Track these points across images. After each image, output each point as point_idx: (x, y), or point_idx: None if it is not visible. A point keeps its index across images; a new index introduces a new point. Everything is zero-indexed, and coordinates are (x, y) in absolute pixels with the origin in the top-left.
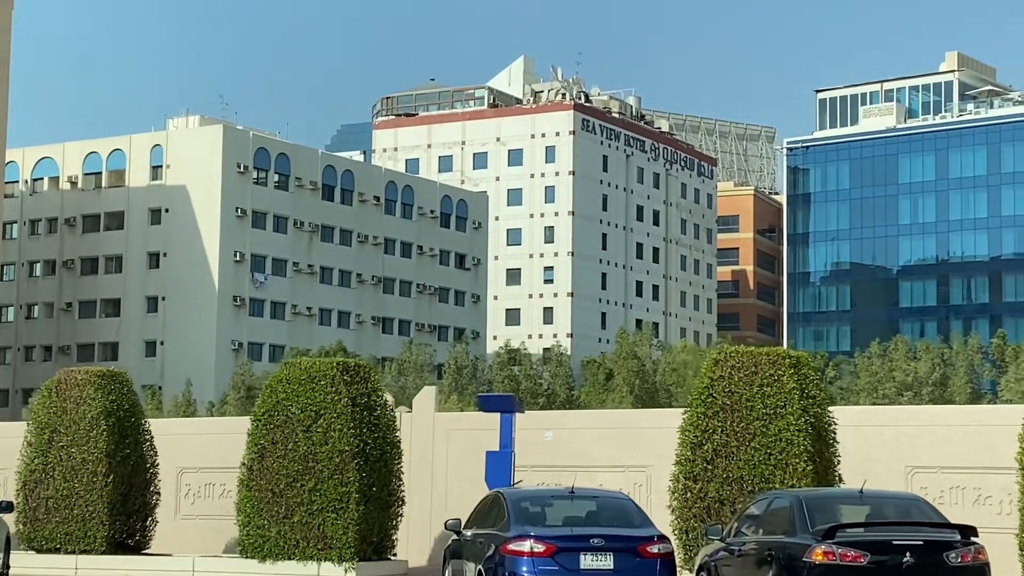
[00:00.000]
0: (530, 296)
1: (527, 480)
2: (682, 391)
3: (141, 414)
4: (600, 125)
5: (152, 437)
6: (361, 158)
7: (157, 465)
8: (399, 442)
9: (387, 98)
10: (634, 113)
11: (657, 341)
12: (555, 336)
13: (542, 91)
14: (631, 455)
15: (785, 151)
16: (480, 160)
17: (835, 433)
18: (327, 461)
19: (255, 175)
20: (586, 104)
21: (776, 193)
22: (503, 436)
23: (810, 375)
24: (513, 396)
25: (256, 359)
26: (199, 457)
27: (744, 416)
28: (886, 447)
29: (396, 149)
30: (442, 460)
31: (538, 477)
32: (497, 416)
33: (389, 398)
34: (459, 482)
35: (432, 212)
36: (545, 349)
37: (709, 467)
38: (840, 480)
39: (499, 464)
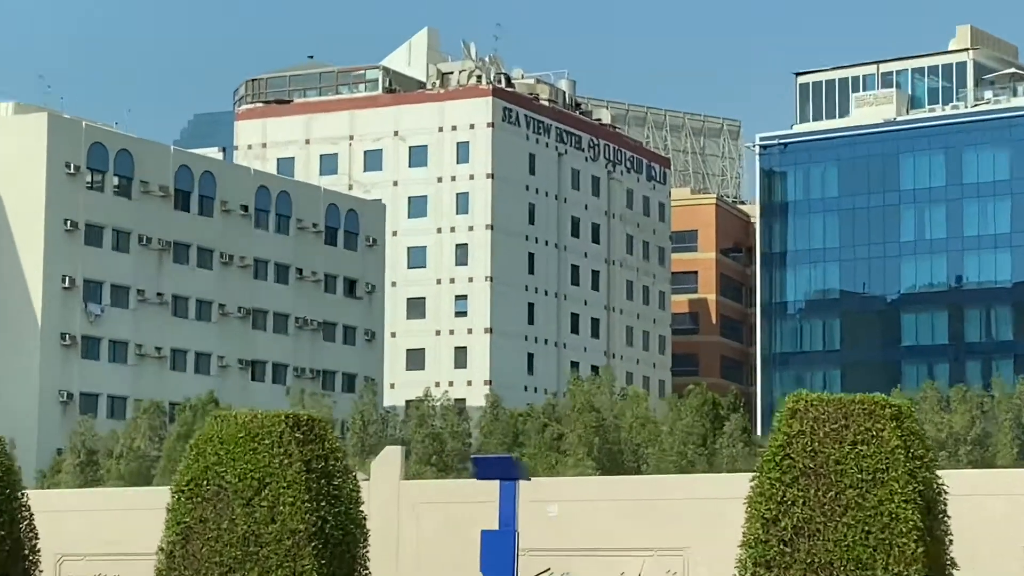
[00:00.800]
0: (438, 333)
1: (528, 568)
2: (654, 453)
3: (17, 483)
4: (525, 116)
5: (32, 514)
6: (221, 156)
7: (38, 551)
8: (365, 520)
9: (253, 80)
10: (567, 101)
11: (621, 390)
12: (469, 383)
13: (451, 72)
14: (662, 534)
15: (757, 150)
16: (373, 160)
17: (946, 504)
18: (275, 545)
19: (89, 178)
20: (507, 89)
21: (744, 202)
22: (503, 511)
23: (915, 429)
24: (514, 458)
25: (90, 414)
26: (86, 540)
27: (833, 483)
28: (997, 523)
29: (265, 145)
30: (411, 541)
31: (540, 563)
32: (485, 485)
33: (350, 463)
34: (434, 570)
35: (314, 226)
36: (456, 400)
37: (787, 549)
38: (954, 566)
39: (499, 547)
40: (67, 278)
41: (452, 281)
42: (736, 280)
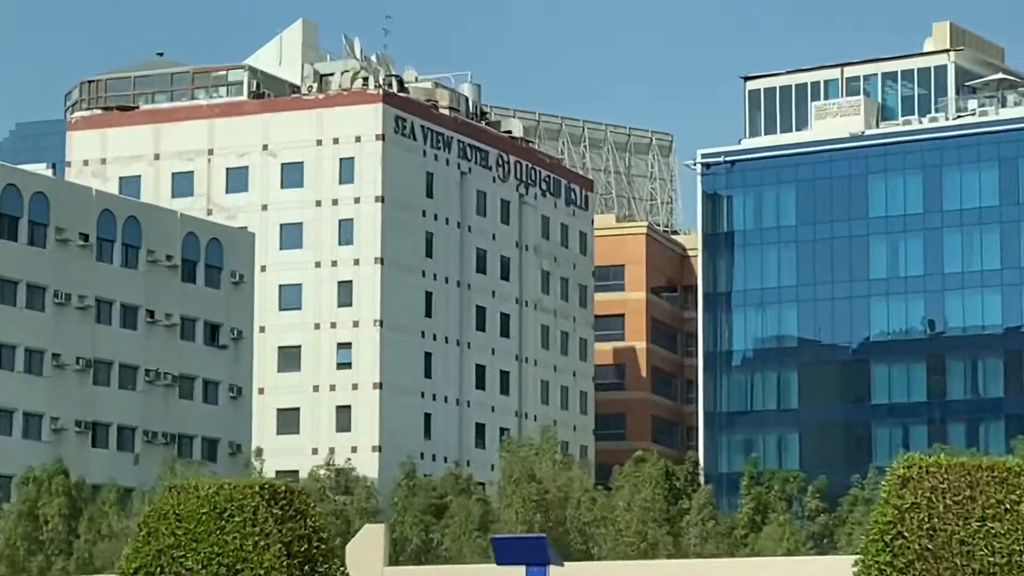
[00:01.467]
0: (316, 389)
1: None
2: (608, 532)
3: None
4: (422, 126)
5: None
6: (51, 173)
7: None
8: None
9: (89, 82)
10: (471, 109)
11: (565, 456)
12: (355, 450)
13: (331, 74)
14: None
15: (699, 169)
16: (238, 179)
17: None
18: None
19: None
20: (400, 95)
21: (678, 232)
22: None
23: None
24: (546, 539)
25: None
26: None
27: (958, 567)
28: None
29: (105, 161)
30: None
31: None
32: (502, 572)
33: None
34: None
35: (169, 258)
36: (339, 471)
37: None
38: None
39: None
40: None
41: (333, 326)
42: (670, 325)
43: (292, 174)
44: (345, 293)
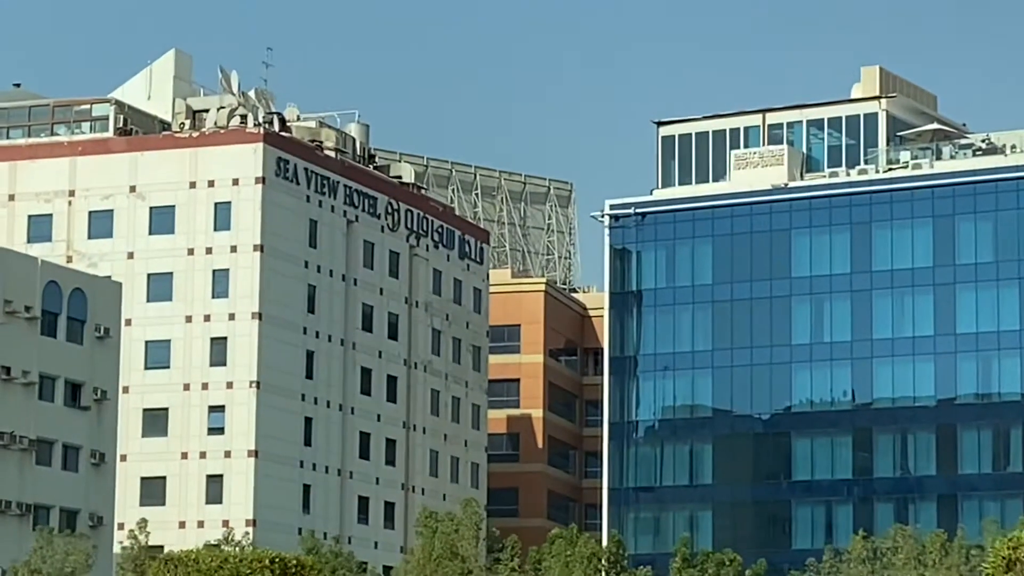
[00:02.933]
0: (184, 456)
1: None
2: None
3: None
4: (306, 169)
5: None
6: None
7: None
8: None
9: None
10: (358, 151)
11: (491, 531)
12: (226, 524)
13: (206, 110)
14: None
15: (607, 221)
16: (101, 224)
17: None
18: None
19: None
20: (282, 134)
21: (576, 290)
22: None
23: None
24: None
25: None
26: None
27: None
28: None
29: None
30: None
31: None
32: None
33: None
34: None
35: (27, 309)
36: (209, 545)
37: None
38: None
39: None
40: None
41: (205, 387)
42: (569, 391)
43: (162, 219)
44: (219, 351)
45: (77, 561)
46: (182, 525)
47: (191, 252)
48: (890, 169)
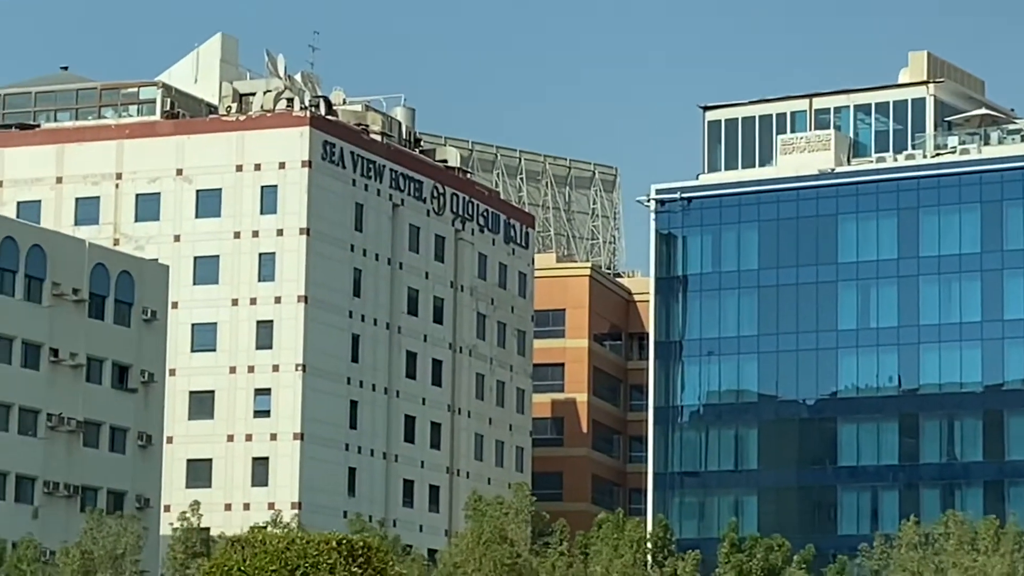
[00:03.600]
0: (230, 438)
1: None
2: None
3: None
4: (352, 153)
5: None
6: None
7: None
8: None
9: None
10: (404, 135)
11: (540, 515)
12: (272, 506)
13: (252, 94)
14: None
15: (652, 206)
16: (148, 206)
17: None
18: None
19: None
20: (329, 118)
21: (621, 274)
22: None
23: None
24: None
25: None
26: None
27: None
28: None
29: (0, 184)
30: None
31: None
32: None
33: None
34: None
35: (75, 292)
36: (255, 527)
37: None
38: None
39: None
40: None
41: (251, 370)
42: (613, 376)
43: (209, 202)
44: (264, 334)
45: (128, 542)
46: (228, 507)
47: (237, 235)
48: (937, 154)
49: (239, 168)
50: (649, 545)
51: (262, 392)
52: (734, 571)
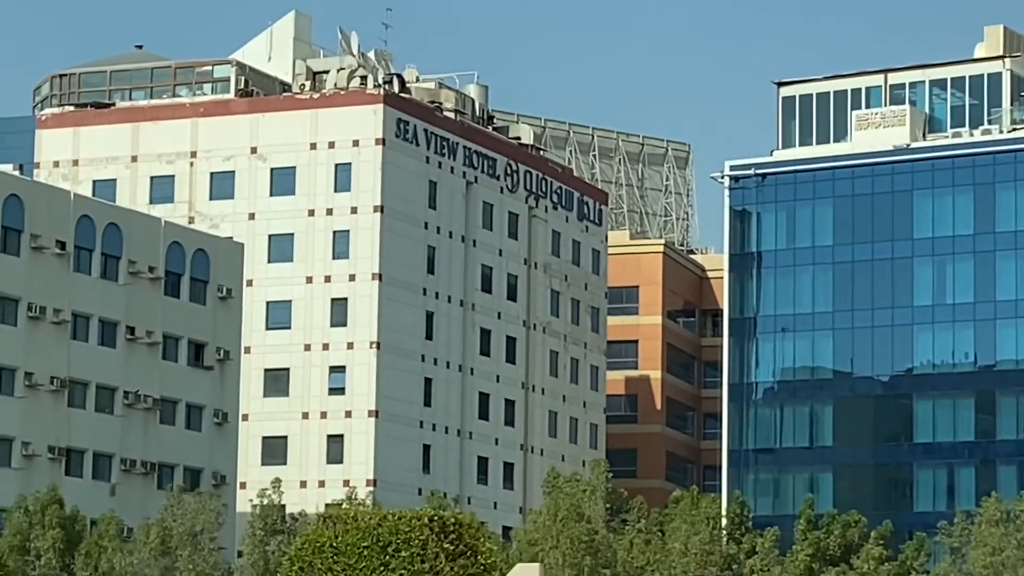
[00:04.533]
0: (305, 416)
1: None
2: None
3: None
4: (425, 130)
5: None
6: (16, 173)
7: None
8: None
9: (60, 76)
10: (477, 112)
11: (618, 492)
12: (346, 483)
13: (326, 71)
14: None
15: (726, 182)
16: (223, 184)
17: None
18: None
19: None
20: (402, 95)
21: (694, 251)
22: None
23: None
24: None
25: None
26: None
27: None
28: None
29: (77, 163)
30: None
31: None
32: None
33: None
34: None
35: (151, 270)
36: (329, 505)
37: None
38: None
39: None
40: None
41: (326, 348)
42: (686, 353)
43: (283, 180)
44: (339, 312)
45: (207, 520)
46: (303, 484)
47: (311, 213)
48: (1014, 129)
49: (313, 146)
50: (725, 522)
51: (337, 370)
52: (811, 548)
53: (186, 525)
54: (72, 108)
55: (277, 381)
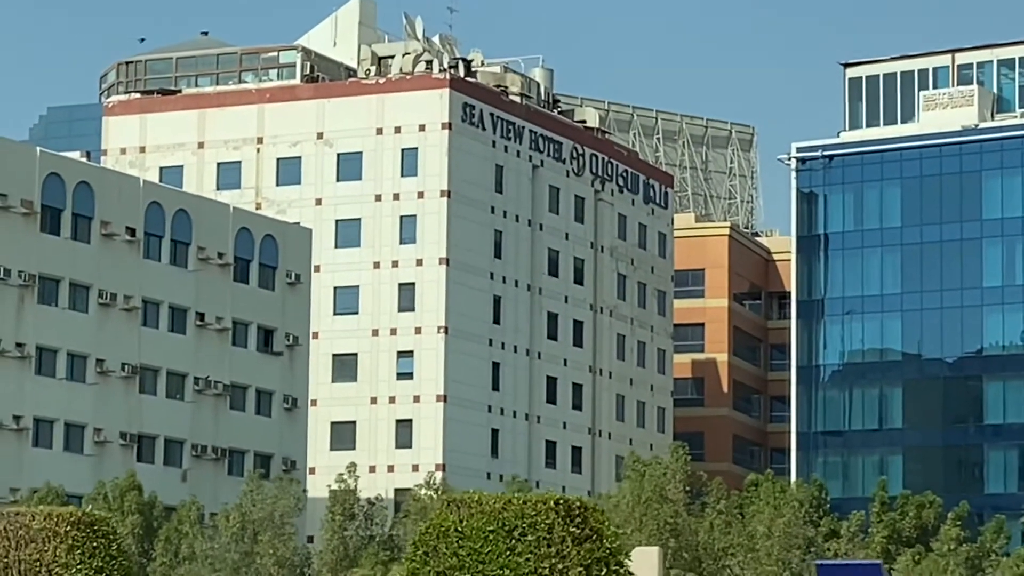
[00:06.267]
0: (373, 401)
1: None
2: (745, 561)
3: None
4: (491, 115)
5: None
6: (85, 160)
7: None
8: None
9: (127, 63)
10: (542, 96)
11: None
12: (415, 468)
13: (391, 56)
14: None
15: (793, 164)
16: (290, 170)
17: None
18: None
19: None
20: (468, 79)
21: (759, 234)
22: None
23: None
24: (882, 566)
25: None
26: None
27: None
28: None
29: (144, 149)
30: None
31: None
32: None
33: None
34: None
35: (220, 256)
36: (398, 490)
37: None
38: None
39: None
40: None
41: (393, 333)
42: (753, 336)
43: (349, 166)
44: (406, 296)
45: (287, 505)
46: (372, 470)
47: (378, 198)
48: None
49: (379, 131)
50: (808, 506)
51: (405, 354)
52: (887, 529)
53: (266, 510)
54: (138, 95)
55: (345, 366)
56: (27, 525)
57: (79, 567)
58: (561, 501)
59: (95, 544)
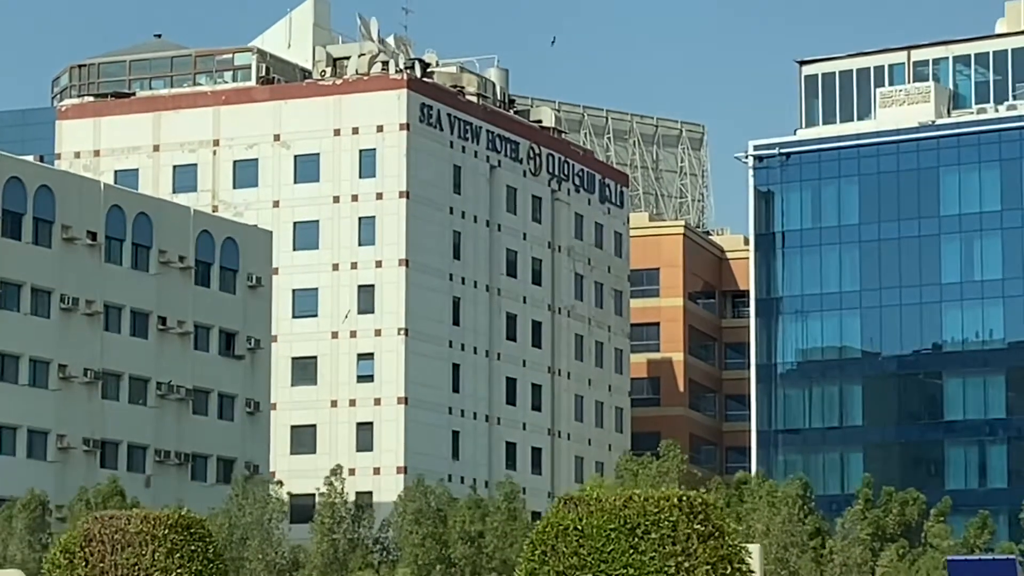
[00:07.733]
0: (333, 404)
1: None
2: None
3: None
4: (449, 115)
5: None
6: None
7: None
8: None
9: (80, 66)
10: (499, 96)
11: (692, 473)
12: (377, 471)
13: (347, 57)
14: None
15: (750, 162)
16: (246, 173)
17: None
18: None
19: None
20: (424, 80)
21: (710, 232)
22: None
23: None
24: (1016, 561)
25: None
26: None
27: None
28: None
29: (98, 153)
30: None
31: None
32: None
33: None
34: None
35: (181, 259)
36: (360, 493)
37: None
38: None
39: None
40: None
41: (353, 335)
42: (708, 335)
43: (307, 167)
44: (366, 298)
45: (273, 509)
46: (334, 472)
47: (336, 200)
48: None
49: (336, 132)
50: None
51: (365, 357)
52: (871, 527)
53: (254, 515)
54: (92, 99)
55: (305, 369)
56: (123, 529)
57: (179, 571)
58: (684, 498)
59: (193, 547)
